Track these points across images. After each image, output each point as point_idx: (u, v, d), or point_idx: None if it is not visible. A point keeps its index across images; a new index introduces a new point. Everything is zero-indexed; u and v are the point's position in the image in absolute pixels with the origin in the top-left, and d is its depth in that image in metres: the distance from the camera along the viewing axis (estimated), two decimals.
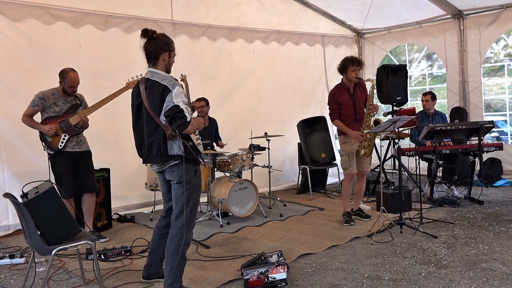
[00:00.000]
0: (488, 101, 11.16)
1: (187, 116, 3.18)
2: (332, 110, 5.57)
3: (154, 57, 3.39)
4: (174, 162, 3.36)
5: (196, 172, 3.46)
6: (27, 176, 5.05)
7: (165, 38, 3.43)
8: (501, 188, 7.49)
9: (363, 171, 5.65)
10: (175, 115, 3.18)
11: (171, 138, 3.31)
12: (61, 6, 6.02)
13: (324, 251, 4.56)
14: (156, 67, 3.41)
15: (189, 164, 3.37)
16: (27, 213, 3.13)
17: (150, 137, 3.36)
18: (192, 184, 3.42)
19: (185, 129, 3.20)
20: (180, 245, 3.35)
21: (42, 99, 4.89)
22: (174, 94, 3.20)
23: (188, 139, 3.36)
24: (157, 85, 3.29)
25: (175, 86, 3.24)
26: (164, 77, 3.34)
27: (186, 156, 3.32)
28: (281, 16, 8.35)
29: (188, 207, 3.38)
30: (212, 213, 5.94)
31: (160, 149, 3.33)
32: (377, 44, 9.49)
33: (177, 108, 3.17)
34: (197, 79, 7.33)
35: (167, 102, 3.20)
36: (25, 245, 4.88)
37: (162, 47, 3.37)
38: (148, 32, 3.39)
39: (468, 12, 8.04)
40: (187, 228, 3.39)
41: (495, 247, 4.46)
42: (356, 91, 5.55)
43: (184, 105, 3.20)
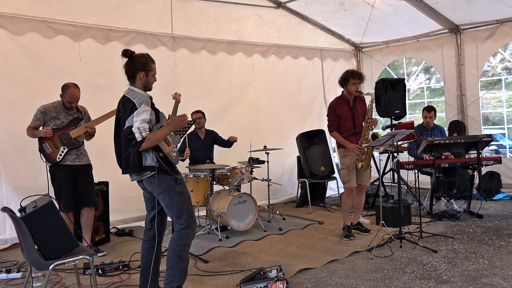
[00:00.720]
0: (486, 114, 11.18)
1: (136, 137, 3.33)
2: (330, 122, 5.57)
3: (131, 75, 3.57)
4: (150, 174, 3.50)
5: (177, 180, 3.57)
6: (26, 191, 5.04)
7: (143, 58, 3.58)
8: (500, 201, 7.48)
9: (362, 184, 5.64)
10: (127, 137, 3.39)
11: (144, 151, 3.45)
12: (62, 20, 6.06)
13: (324, 266, 4.54)
14: (134, 85, 3.58)
15: (163, 175, 3.49)
16: (24, 228, 3.10)
17: (126, 150, 3.51)
18: (176, 191, 3.54)
19: (139, 148, 3.37)
20: (178, 245, 3.52)
21: (43, 113, 4.91)
22: (136, 112, 3.37)
23: (158, 151, 3.48)
24: (128, 102, 3.46)
25: (141, 104, 3.40)
26: (136, 94, 3.50)
27: (159, 167, 3.45)
28: (280, 30, 8.42)
29: (183, 213, 3.53)
30: (211, 227, 5.92)
31: (135, 160, 3.48)
32: (375, 58, 9.54)
33: (128, 130, 3.37)
34: (196, 92, 7.36)
35: (128, 120, 3.39)
36: (22, 260, 4.83)
37: (138, 67, 3.53)
38: (126, 52, 3.56)
39: (465, 26, 8.11)
40: (186, 231, 3.53)
41: (495, 262, 4.44)
42: (355, 104, 5.57)
43: (142, 124, 3.34)
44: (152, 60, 3.63)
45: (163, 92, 6.54)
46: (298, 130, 8.10)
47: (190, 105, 7.08)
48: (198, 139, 6.71)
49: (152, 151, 3.44)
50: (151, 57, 3.65)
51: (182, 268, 3.53)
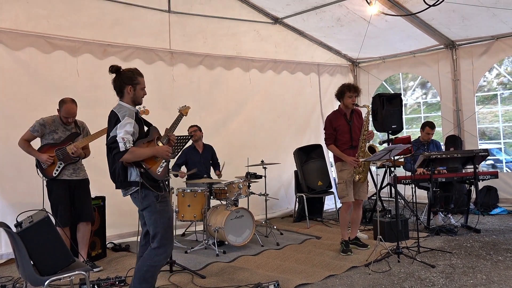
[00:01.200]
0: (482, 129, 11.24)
1: (120, 146, 3.34)
2: (328, 135, 5.59)
3: (119, 90, 3.59)
4: (134, 189, 3.51)
5: (158, 197, 3.54)
6: (21, 206, 5.02)
7: (130, 72, 3.60)
8: (497, 216, 7.48)
9: (359, 199, 5.63)
10: (110, 146, 3.42)
11: (128, 165, 3.47)
12: (60, 35, 6.11)
13: (321, 281, 4.51)
14: (123, 99, 3.60)
15: (147, 191, 3.48)
16: (20, 243, 3.09)
17: (113, 165, 3.53)
18: (156, 210, 3.52)
19: (120, 158, 3.38)
20: (145, 265, 3.49)
21: (43, 126, 4.91)
22: (119, 124, 3.40)
23: (139, 166, 3.46)
24: (113, 115, 3.50)
25: (124, 117, 3.42)
26: (122, 108, 3.53)
27: (142, 182, 3.44)
28: (277, 46, 8.49)
29: (157, 233, 3.50)
30: (208, 242, 5.89)
31: (120, 175, 3.49)
32: (372, 73, 9.62)
33: (112, 139, 3.40)
34: (194, 107, 7.32)
35: (112, 132, 3.43)
36: (18, 275, 4.79)
37: (125, 81, 3.56)
38: (113, 68, 3.58)
39: (461, 42, 8.20)
40: (157, 252, 3.50)
41: (493, 277, 4.43)
42: (352, 117, 5.60)
43: (126, 135, 3.36)
44: (140, 74, 3.63)
45: (161, 106, 6.62)
46: (295, 145, 8.11)
47: (188, 120, 7.07)
48: (196, 153, 6.72)
49: (134, 166, 3.46)
50: (138, 71, 3.65)
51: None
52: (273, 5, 7.87)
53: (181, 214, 5.99)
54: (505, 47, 7.77)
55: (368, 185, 5.78)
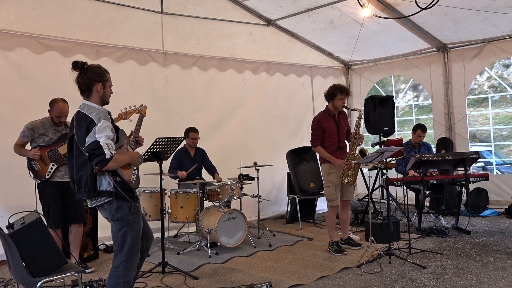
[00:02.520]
0: (473, 131, 11.34)
1: (106, 153, 3.02)
2: (315, 136, 5.54)
3: (87, 88, 3.24)
4: (105, 200, 3.20)
5: (131, 209, 3.26)
6: (12, 207, 5.00)
7: (98, 68, 3.28)
8: (487, 218, 7.54)
9: (347, 200, 5.66)
10: (93, 152, 3.03)
11: (99, 173, 3.14)
12: (51, 36, 6.07)
13: (313, 282, 4.53)
14: (90, 99, 3.25)
15: (121, 201, 3.20)
16: (12, 244, 3.08)
17: (78, 172, 3.20)
18: (128, 221, 3.25)
19: (104, 166, 3.04)
20: (117, 284, 3.22)
21: (31, 130, 4.88)
22: (97, 128, 3.05)
23: (115, 175, 3.18)
24: (85, 118, 3.13)
25: (100, 120, 3.09)
26: (93, 109, 3.18)
27: (116, 192, 3.14)
28: (271, 48, 8.51)
29: (125, 245, 3.24)
30: (200, 243, 5.89)
31: (88, 184, 3.16)
32: (364, 76, 9.66)
33: (95, 145, 3.02)
34: (188, 108, 7.39)
35: (89, 137, 3.05)
36: (9, 277, 4.76)
37: (94, 78, 3.23)
38: (77, 64, 3.24)
39: (452, 45, 8.26)
40: (125, 266, 3.24)
41: (483, 278, 4.47)
42: (340, 118, 5.62)
43: (108, 140, 3.05)
44: (107, 71, 3.32)
45: (155, 108, 6.61)
46: (288, 146, 8.13)
47: (181, 122, 7.10)
48: (188, 156, 6.72)
49: (108, 175, 3.13)
50: (104, 68, 3.33)
51: None
52: (266, 7, 7.89)
53: (173, 215, 5.98)
54: (496, 50, 7.84)
55: (354, 186, 5.79)
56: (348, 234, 5.87)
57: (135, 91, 6.56)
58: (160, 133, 5.19)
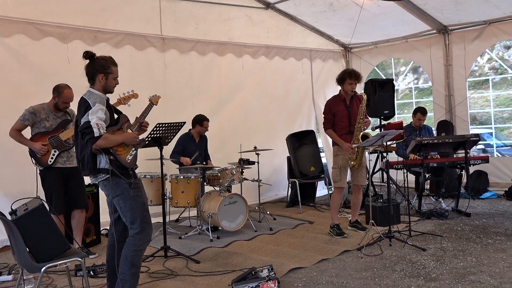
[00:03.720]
0: (473, 114, 11.33)
1: (94, 132, 3.29)
2: (326, 119, 5.64)
3: (91, 77, 3.53)
4: (104, 177, 3.46)
5: (131, 184, 3.51)
6: (14, 194, 5.01)
7: (104, 61, 3.54)
8: (487, 200, 7.58)
9: (358, 184, 5.70)
10: (84, 131, 3.34)
11: (96, 152, 3.42)
12: (49, 22, 6.02)
13: (314, 265, 4.57)
14: (93, 87, 3.54)
15: (118, 178, 3.45)
16: (16, 231, 3.10)
17: (82, 152, 3.49)
18: (130, 195, 3.49)
19: (93, 143, 3.33)
20: (131, 251, 3.48)
21: (33, 114, 4.86)
22: (91, 111, 3.35)
23: (108, 154, 3.42)
24: (84, 102, 3.45)
25: (95, 103, 3.38)
26: (92, 95, 3.47)
27: (112, 169, 3.40)
28: (270, 31, 8.44)
29: (137, 217, 3.48)
30: (202, 228, 5.93)
31: (89, 162, 3.44)
32: (364, 58, 9.61)
33: (86, 124, 3.33)
34: (186, 93, 7.36)
35: (83, 118, 3.37)
36: (13, 262, 4.81)
37: (97, 69, 3.50)
38: (87, 54, 3.53)
39: (453, 27, 8.20)
40: (140, 236, 3.49)
41: (483, 260, 4.51)
42: (352, 103, 5.61)
43: (99, 121, 3.32)
44: (114, 63, 3.57)
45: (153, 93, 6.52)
46: (287, 130, 8.13)
47: (180, 107, 7.09)
48: (193, 142, 6.71)
49: (103, 153, 3.41)
50: (113, 60, 3.59)
51: (134, 273, 3.50)
52: None
53: (174, 200, 6.00)
54: (498, 32, 7.79)
55: (367, 170, 5.84)
56: (356, 217, 5.91)
57: (133, 77, 6.52)
58: (158, 118, 5.17)
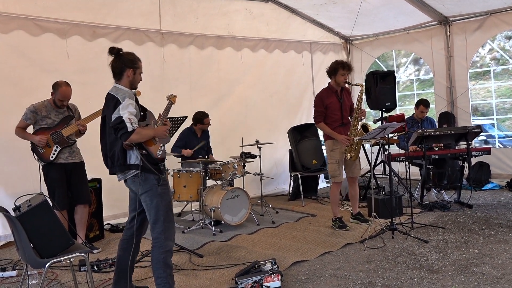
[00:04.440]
0: (475, 105, 11.29)
1: (128, 126, 3.28)
2: (318, 112, 5.57)
3: (119, 72, 3.52)
4: (134, 173, 3.45)
5: (160, 180, 3.49)
6: (16, 191, 5.03)
7: (131, 55, 3.56)
8: (490, 191, 7.58)
9: (353, 176, 5.69)
10: (116, 126, 3.33)
11: (127, 148, 3.42)
12: (48, 17, 6.02)
13: (317, 258, 4.59)
14: (120, 82, 3.53)
15: (147, 174, 3.44)
16: (20, 227, 3.11)
17: (112, 148, 3.48)
18: (158, 193, 3.47)
19: (127, 138, 3.31)
20: (161, 253, 3.44)
21: (34, 112, 4.87)
22: (121, 106, 3.34)
23: (141, 148, 3.43)
24: (112, 98, 3.44)
25: (125, 98, 3.37)
26: (120, 90, 3.46)
27: (143, 165, 3.40)
28: (270, 24, 8.41)
29: (160, 216, 3.46)
30: (204, 222, 5.94)
31: (120, 159, 3.44)
32: (365, 51, 9.58)
33: (119, 119, 3.31)
34: (185, 88, 7.34)
35: (114, 114, 3.35)
36: (17, 258, 4.84)
37: (126, 64, 3.50)
38: (113, 50, 3.53)
39: (454, 18, 8.17)
40: (164, 236, 3.46)
41: (485, 251, 4.52)
42: (342, 95, 5.60)
43: (131, 116, 3.32)
44: (139, 59, 3.59)
45: (152, 88, 6.55)
46: (287, 124, 8.12)
47: (178, 101, 7.03)
48: (195, 137, 6.71)
49: (136, 149, 3.41)
50: (137, 56, 3.61)
51: (169, 274, 3.49)
52: None
53: (177, 194, 6.02)
54: (499, 22, 7.75)
55: (360, 162, 5.82)
56: (357, 209, 5.92)
57: None
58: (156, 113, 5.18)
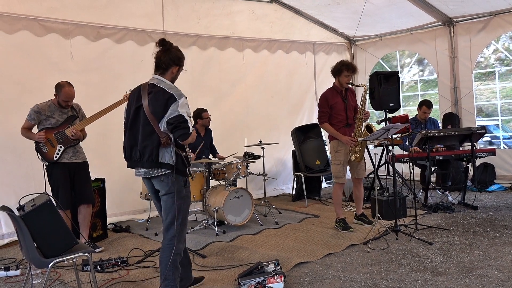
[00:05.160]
0: (479, 106, 11.25)
1: (190, 128, 3.28)
2: (322, 113, 5.54)
3: (165, 67, 3.46)
4: (163, 172, 3.38)
5: (186, 182, 3.49)
6: (21, 190, 5.05)
7: (180, 53, 3.51)
8: (494, 193, 7.55)
9: (359, 177, 5.68)
10: (178, 124, 3.25)
11: (165, 146, 3.34)
12: (52, 18, 6.05)
13: (321, 259, 4.57)
14: (164, 76, 3.47)
15: (178, 175, 3.39)
16: (24, 226, 3.11)
17: (144, 141, 3.37)
18: (182, 195, 3.45)
19: (185, 139, 3.30)
20: (172, 255, 3.41)
21: (38, 113, 4.89)
22: (180, 104, 3.27)
23: (182, 150, 3.41)
24: (163, 92, 3.33)
25: (181, 97, 3.30)
26: (170, 86, 3.40)
27: (176, 166, 3.34)
28: (273, 25, 8.41)
29: (179, 218, 3.42)
30: (207, 222, 5.94)
31: (152, 155, 3.34)
32: (369, 51, 9.56)
33: (181, 118, 3.25)
34: (186, 88, 7.27)
35: (172, 110, 3.26)
36: (20, 257, 4.85)
37: (174, 61, 3.46)
38: (165, 43, 3.48)
39: (458, 19, 8.14)
40: (177, 239, 3.43)
41: (490, 253, 4.49)
42: (347, 95, 5.59)
43: (188, 117, 3.29)
44: (184, 56, 3.57)
45: None
46: (289, 124, 8.12)
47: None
48: (198, 136, 6.70)
49: (173, 148, 3.34)
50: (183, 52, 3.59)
51: (177, 276, 3.50)
52: None
53: None
54: (503, 23, 7.72)
55: (365, 163, 5.81)
56: (361, 210, 5.90)
57: (134, 72, 6.53)
58: None
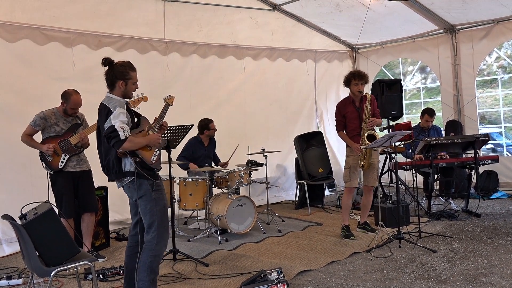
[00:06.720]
0: (482, 113, 11.22)
1: (120, 135, 3.32)
2: (337, 122, 5.70)
3: (110, 83, 3.57)
4: (129, 179, 3.50)
5: (153, 186, 3.54)
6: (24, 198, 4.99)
7: (122, 67, 3.56)
8: (498, 200, 7.52)
9: (369, 186, 5.68)
10: (109, 135, 3.37)
11: (121, 156, 3.46)
12: (54, 27, 6.10)
13: (324, 267, 4.55)
14: (112, 92, 3.57)
15: (142, 180, 3.48)
16: (26, 235, 3.11)
17: (106, 156, 3.53)
18: (152, 198, 3.52)
19: (119, 146, 3.35)
20: (149, 257, 3.48)
21: (44, 119, 4.90)
22: (113, 115, 3.38)
23: (135, 156, 3.46)
24: (104, 107, 3.48)
25: (116, 108, 3.41)
26: (111, 100, 3.50)
27: (137, 172, 3.44)
28: (274, 33, 8.42)
29: (154, 221, 3.50)
30: (210, 230, 5.92)
31: (115, 166, 3.49)
32: (371, 59, 9.58)
33: (111, 128, 3.35)
34: (185, 95, 7.34)
35: (106, 123, 3.40)
36: (23, 266, 4.84)
37: (117, 76, 3.53)
38: (106, 61, 3.56)
39: (461, 26, 8.15)
40: (156, 241, 3.50)
41: (494, 261, 4.47)
42: (362, 104, 5.59)
43: (122, 124, 3.36)
44: (133, 68, 3.60)
45: (153, 96, 6.43)
46: (287, 132, 8.14)
47: (180, 109, 7.02)
48: (202, 146, 6.70)
49: (129, 156, 3.44)
50: (131, 65, 3.62)
51: (152, 279, 3.50)
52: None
53: (183, 203, 6.02)
54: (506, 30, 7.73)
55: (378, 172, 5.81)
56: (366, 218, 5.89)
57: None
58: None
